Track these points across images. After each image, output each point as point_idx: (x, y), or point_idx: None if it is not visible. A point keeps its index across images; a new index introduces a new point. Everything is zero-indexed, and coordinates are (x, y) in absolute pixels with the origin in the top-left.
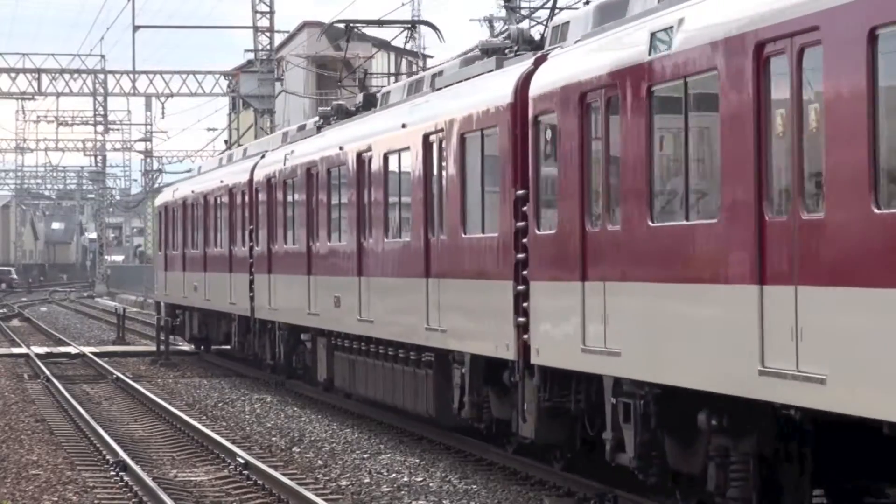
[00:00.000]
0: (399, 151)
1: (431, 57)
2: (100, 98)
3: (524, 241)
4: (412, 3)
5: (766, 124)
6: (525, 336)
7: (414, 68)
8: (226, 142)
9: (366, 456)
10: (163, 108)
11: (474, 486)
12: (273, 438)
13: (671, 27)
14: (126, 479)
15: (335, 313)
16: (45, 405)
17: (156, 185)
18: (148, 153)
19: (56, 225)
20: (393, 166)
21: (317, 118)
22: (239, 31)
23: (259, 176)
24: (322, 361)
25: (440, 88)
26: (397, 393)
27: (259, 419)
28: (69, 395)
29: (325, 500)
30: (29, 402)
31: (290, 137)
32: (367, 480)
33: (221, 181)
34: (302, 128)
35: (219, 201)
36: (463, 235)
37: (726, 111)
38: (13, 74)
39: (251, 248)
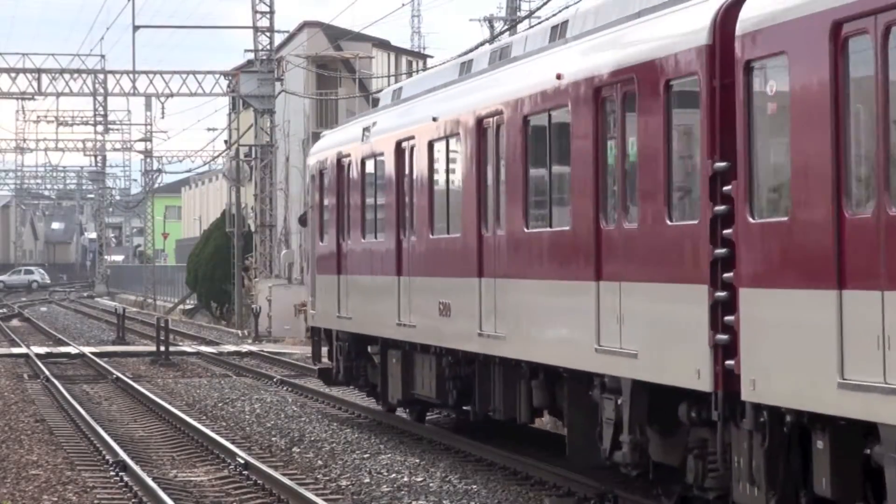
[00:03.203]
0: None
1: (431, 57)
2: (100, 98)
3: None
4: (412, 3)
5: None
6: None
7: (414, 67)
8: (226, 142)
9: (366, 456)
10: (163, 108)
11: (474, 486)
12: (273, 438)
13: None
14: (126, 479)
15: None
16: (45, 405)
17: (156, 185)
18: (148, 153)
19: (56, 225)
20: None
21: None
22: (239, 31)
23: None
24: None
25: None
26: None
27: (259, 419)
28: (69, 395)
29: (325, 500)
30: (29, 402)
31: None
32: (367, 480)
33: (559, 76)
34: None
35: (535, 128)
36: None
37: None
38: (13, 74)
39: (716, 223)
